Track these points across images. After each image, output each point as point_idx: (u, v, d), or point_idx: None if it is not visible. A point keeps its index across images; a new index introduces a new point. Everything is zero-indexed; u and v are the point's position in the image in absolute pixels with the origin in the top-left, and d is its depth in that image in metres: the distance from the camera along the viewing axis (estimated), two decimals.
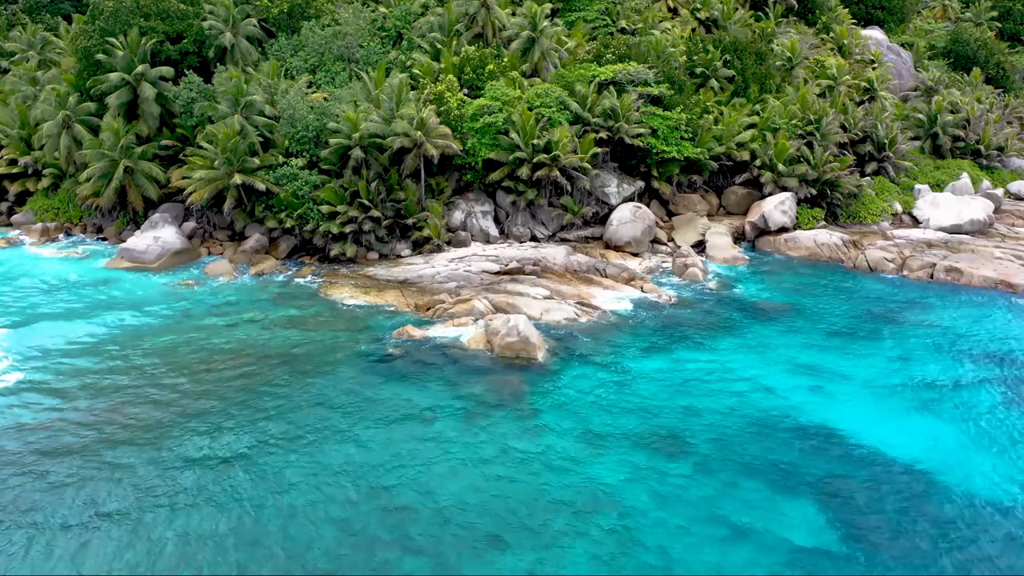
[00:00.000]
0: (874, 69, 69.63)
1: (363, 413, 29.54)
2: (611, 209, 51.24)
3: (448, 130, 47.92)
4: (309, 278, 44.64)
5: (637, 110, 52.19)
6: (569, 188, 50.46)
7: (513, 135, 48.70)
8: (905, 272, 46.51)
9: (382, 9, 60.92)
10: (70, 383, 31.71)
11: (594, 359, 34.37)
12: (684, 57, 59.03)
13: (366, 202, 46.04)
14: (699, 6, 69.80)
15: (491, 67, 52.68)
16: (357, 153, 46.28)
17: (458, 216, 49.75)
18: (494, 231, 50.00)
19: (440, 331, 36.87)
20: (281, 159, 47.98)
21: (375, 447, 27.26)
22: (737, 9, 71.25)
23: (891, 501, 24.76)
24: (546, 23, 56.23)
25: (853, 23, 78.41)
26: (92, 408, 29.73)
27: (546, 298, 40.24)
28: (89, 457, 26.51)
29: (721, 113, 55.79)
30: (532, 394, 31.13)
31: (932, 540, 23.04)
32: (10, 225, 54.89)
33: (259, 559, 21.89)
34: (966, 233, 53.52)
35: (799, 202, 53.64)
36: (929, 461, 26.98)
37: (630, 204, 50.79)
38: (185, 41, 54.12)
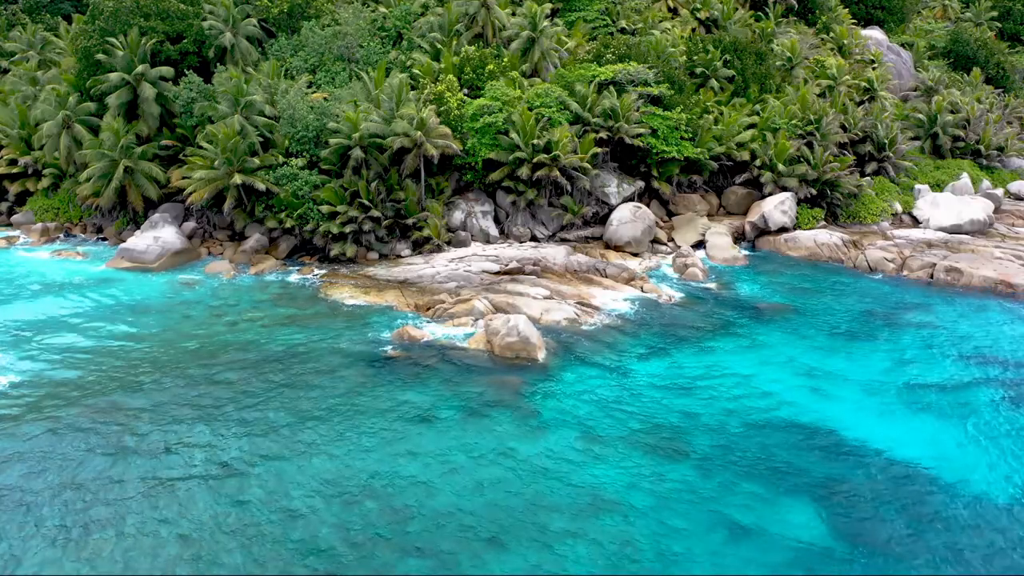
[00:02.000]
0: (874, 69, 69.62)
1: (362, 413, 29.55)
2: (611, 209, 51.24)
3: (448, 130, 47.92)
4: (309, 278, 44.64)
5: (637, 110, 52.19)
6: (569, 188, 50.46)
7: (513, 135, 48.71)
8: (905, 272, 46.50)
9: (382, 9, 60.91)
10: (67, 383, 31.69)
11: (594, 359, 34.37)
12: (684, 57, 59.04)
13: (366, 202, 46.04)
14: (699, 6, 69.79)
15: (491, 67, 52.68)
16: (357, 153, 46.28)
17: (458, 216, 49.75)
18: (494, 231, 50.00)
19: (440, 331, 36.88)
20: (281, 159, 47.98)
21: (374, 447, 27.26)
22: (737, 9, 71.25)
23: (890, 501, 24.77)
24: (546, 23, 56.23)
25: (853, 23, 78.39)
26: (89, 408, 29.70)
27: (546, 298, 40.24)
28: (83, 456, 26.50)
29: (721, 113, 55.80)
30: (532, 394, 31.13)
31: (931, 540, 23.05)
32: (10, 225, 54.88)
33: (258, 559, 21.89)
34: (966, 233, 53.51)
35: (799, 202, 53.64)
36: (928, 461, 26.98)
37: (630, 204, 50.78)
38: (185, 41, 54.12)
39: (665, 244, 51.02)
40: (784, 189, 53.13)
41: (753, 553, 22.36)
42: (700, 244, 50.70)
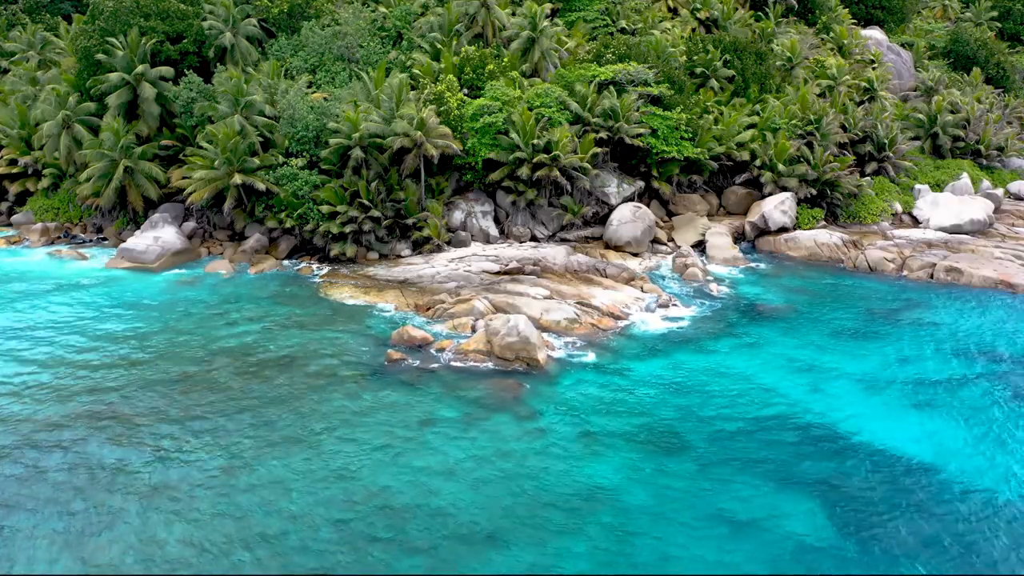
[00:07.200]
0: (874, 69, 69.63)
1: (362, 413, 29.53)
2: (611, 209, 51.24)
3: (448, 130, 47.92)
4: (309, 278, 44.64)
5: (637, 110, 52.18)
6: (569, 188, 50.46)
7: (513, 135, 48.71)
8: (905, 272, 46.49)
9: (382, 9, 60.92)
10: (66, 384, 31.67)
11: (594, 359, 34.36)
12: (684, 57, 59.05)
13: (366, 202, 46.05)
14: (699, 6, 69.82)
15: (491, 67, 52.68)
16: (357, 153, 46.29)
17: (458, 216, 49.75)
18: (494, 231, 50.00)
19: (440, 331, 36.87)
20: (281, 159, 48.00)
21: (374, 447, 27.25)
22: (737, 9, 71.27)
23: (891, 498, 24.76)
24: (546, 23, 56.24)
25: (853, 23, 78.39)
26: (88, 408, 29.69)
27: (546, 298, 40.22)
28: (83, 457, 26.47)
29: (721, 113, 55.81)
30: (531, 394, 31.12)
31: (932, 537, 23.03)
32: (10, 225, 54.89)
33: (258, 560, 21.88)
34: (966, 233, 53.51)
35: (799, 202, 53.65)
36: (929, 458, 26.98)
37: (630, 204, 50.78)
38: (185, 41, 54.14)
39: (665, 244, 51.02)
40: (784, 189, 53.14)
41: (753, 550, 22.34)
42: (700, 244, 50.70)
